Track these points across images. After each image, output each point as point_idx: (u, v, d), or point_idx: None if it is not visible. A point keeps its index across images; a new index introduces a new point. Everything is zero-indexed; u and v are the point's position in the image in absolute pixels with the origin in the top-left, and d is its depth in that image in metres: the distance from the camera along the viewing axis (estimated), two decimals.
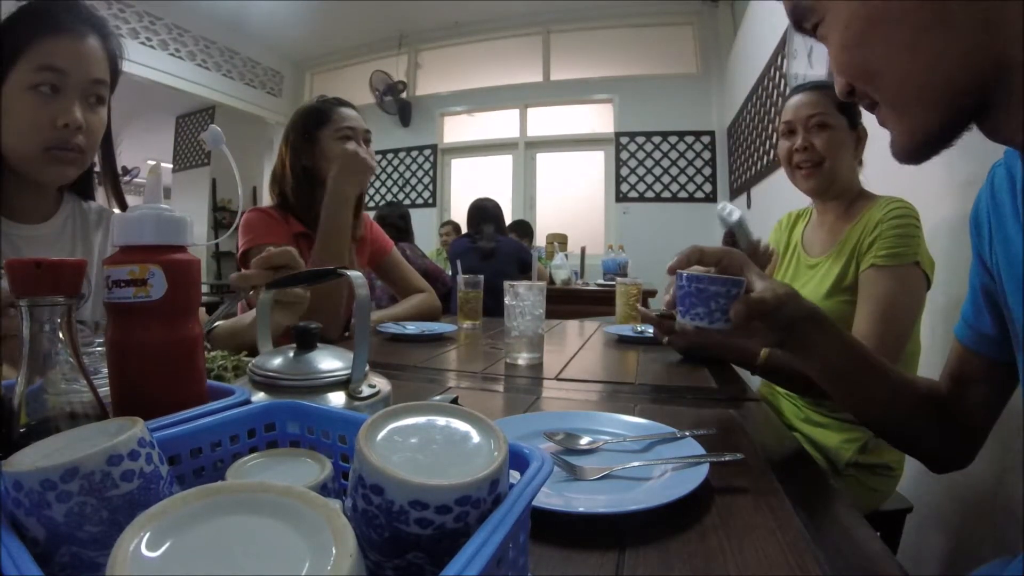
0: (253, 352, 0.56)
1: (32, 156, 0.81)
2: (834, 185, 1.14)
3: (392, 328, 1.32)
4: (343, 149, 1.21)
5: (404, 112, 5.26)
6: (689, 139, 4.53)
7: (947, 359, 0.68)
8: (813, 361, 0.64)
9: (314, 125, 1.32)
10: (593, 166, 4.91)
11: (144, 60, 4.11)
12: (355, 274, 0.50)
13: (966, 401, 0.65)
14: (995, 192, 0.58)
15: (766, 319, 0.60)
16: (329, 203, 1.17)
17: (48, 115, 0.80)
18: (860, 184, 1.17)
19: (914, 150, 0.47)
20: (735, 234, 1.11)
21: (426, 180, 5.31)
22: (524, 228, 3.95)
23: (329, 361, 0.49)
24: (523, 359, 1.01)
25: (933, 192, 1.24)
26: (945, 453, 0.69)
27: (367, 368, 0.50)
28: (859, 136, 1.14)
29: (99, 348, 0.50)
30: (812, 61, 2.08)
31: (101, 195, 1.00)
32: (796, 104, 1.16)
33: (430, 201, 5.27)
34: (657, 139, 4.59)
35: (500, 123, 5.19)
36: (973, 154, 1.09)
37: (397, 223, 2.82)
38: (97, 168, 0.96)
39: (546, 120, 5.07)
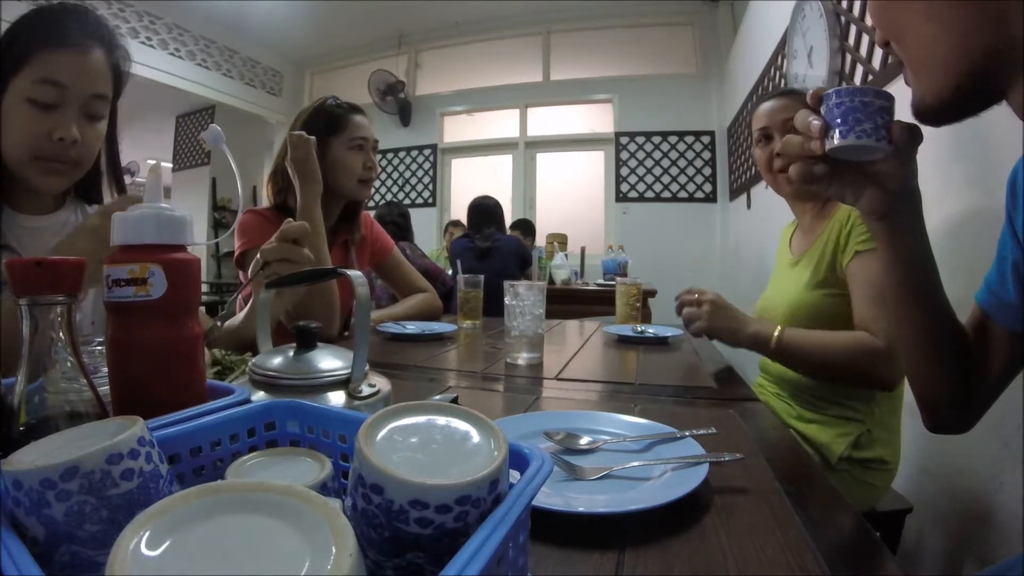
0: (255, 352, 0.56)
1: (23, 164, 0.82)
2: (805, 189, 1.14)
3: (392, 328, 1.31)
4: (300, 134, 1.16)
5: (404, 112, 5.26)
6: (689, 139, 4.53)
7: (966, 320, 0.67)
8: (903, 242, 0.61)
9: (326, 131, 1.29)
10: (593, 166, 4.91)
11: (144, 60, 4.11)
12: (355, 274, 0.50)
13: (977, 362, 0.65)
14: None
15: (896, 171, 0.57)
16: (306, 195, 1.15)
17: (44, 128, 0.80)
18: None
19: (928, 111, 0.48)
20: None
21: (426, 180, 5.31)
22: (527, 227, 3.94)
23: (329, 360, 0.49)
24: (523, 359, 1.01)
25: (933, 193, 1.24)
26: (949, 407, 0.68)
27: (367, 368, 0.50)
28: None
29: (99, 348, 0.50)
30: (812, 61, 2.08)
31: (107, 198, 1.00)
32: (770, 110, 1.18)
33: (430, 201, 5.27)
34: (657, 139, 4.59)
35: (500, 123, 5.19)
36: (970, 155, 1.09)
37: (397, 221, 2.83)
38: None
39: (546, 120, 5.07)
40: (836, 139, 0.54)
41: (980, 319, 0.65)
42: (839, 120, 0.54)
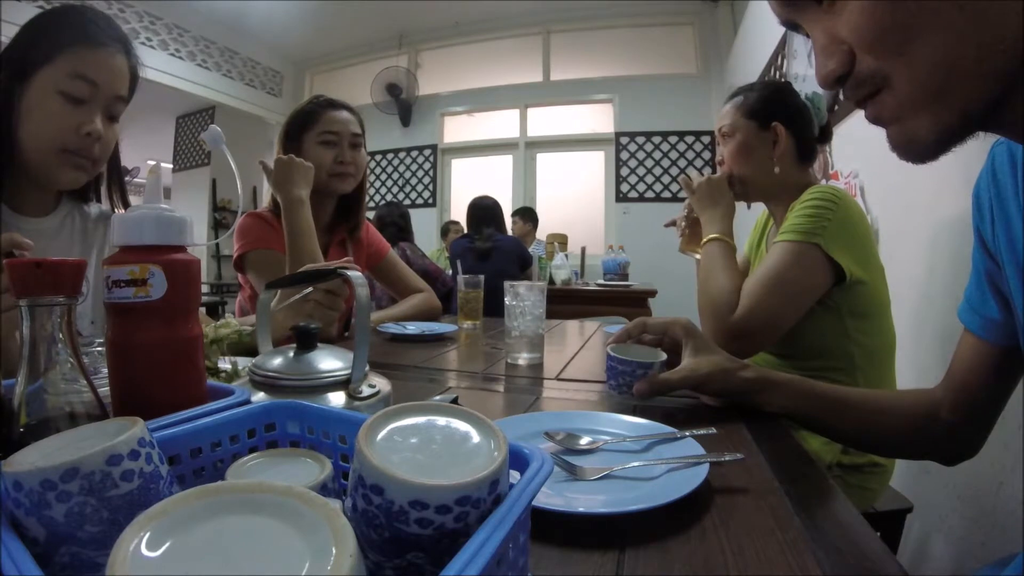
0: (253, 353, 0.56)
1: (47, 156, 0.83)
2: (751, 190, 1.14)
3: (392, 328, 1.31)
4: (277, 158, 1.20)
5: (404, 112, 5.26)
6: (689, 139, 4.53)
7: (956, 349, 0.67)
8: (770, 410, 0.70)
9: (299, 128, 1.31)
10: (593, 166, 4.91)
11: (144, 60, 4.10)
12: (355, 274, 0.50)
13: (973, 394, 0.65)
14: (996, 171, 0.56)
15: (698, 388, 0.71)
16: (284, 208, 1.17)
17: (73, 121, 0.81)
18: (808, 179, 1.13)
19: (934, 142, 0.40)
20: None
21: (426, 180, 5.31)
22: (529, 214, 3.94)
23: (329, 361, 0.49)
24: (523, 359, 1.01)
25: (933, 192, 1.24)
26: (950, 451, 0.70)
27: (367, 368, 0.50)
28: (776, 135, 1.10)
29: (99, 348, 0.50)
30: (812, 61, 2.08)
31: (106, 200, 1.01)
32: (720, 116, 1.17)
33: (430, 201, 5.27)
34: (657, 139, 4.59)
35: (500, 123, 5.19)
36: (969, 156, 1.09)
37: (397, 222, 2.82)
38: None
39: (546, 120, 5.07)
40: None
41: (972, 343, 0.65)
42: (606, 372, 0.77)
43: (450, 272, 2.96)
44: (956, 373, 0.66)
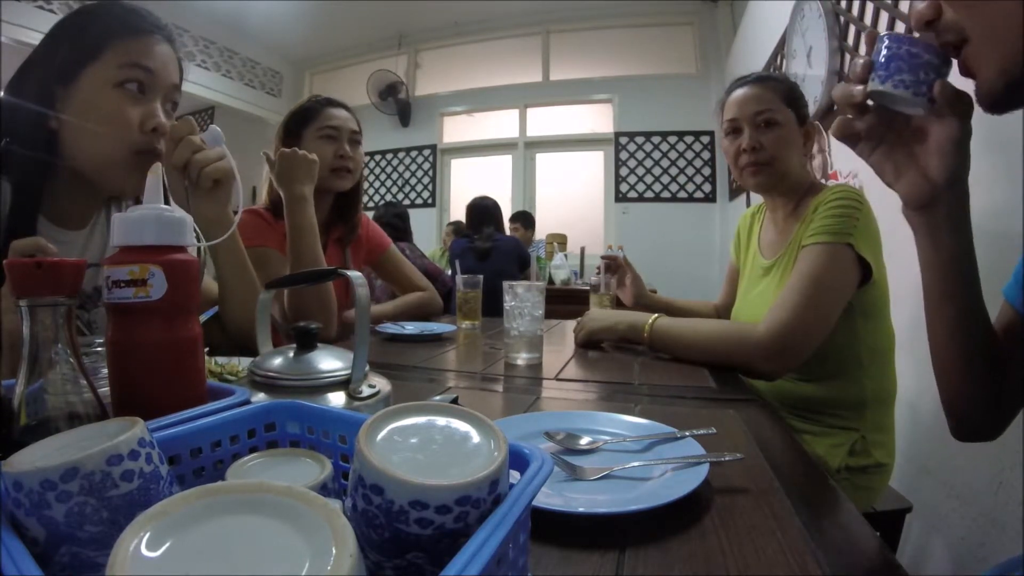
0: (252, 349, 0.56)
1: (118, 161, 0.77)
2: (783, 182, 1.11)
3: (391, 328, 1.32)
4: (281, 151, 1.18)
5: (404, 112, 5.26)
6: (689, 139, 4.53)
7: (995, 319, 0.64)
8: (940, 242, 0.57)
9: (299, 123, 1.31)
10: (592, 166, 4.92)
11: None
12: (354, 274, 0.50)
13: (1007, 364, 0.61)
14: None
15: (945, 168, 0.54)
16: (287, 205, 1.15)
17: (137, 115, 0.76)
18: (811, 177, 1.14)
19: (1003, 92, 0.45)
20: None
21: (426, 180, 5.31)
22: (527, 219, 3.95)
23: (329, 361, 0.49)
24: (522, 359, 1.01)
25: None
26: (978, 414, 0.65)
27: (367, 368, 0.50)
28: (807, 131, 1.10)
29: (99, 348, 0.50)
30: (811, 61, 2.08)
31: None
32: (741, 100, 1.10)
33: (430, 201, 5.27)
34: (657, 139, 4.59)
35: (500, 123, 5.19)
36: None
37: (393, 222, 2.81)
38: None
39: (546, 120, 5.07)
40: (874, 82, 0.53)
41: (1010, 317, 0.62)
42: (883, 64, 0.52)
43: (449, 272, 2.96)
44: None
